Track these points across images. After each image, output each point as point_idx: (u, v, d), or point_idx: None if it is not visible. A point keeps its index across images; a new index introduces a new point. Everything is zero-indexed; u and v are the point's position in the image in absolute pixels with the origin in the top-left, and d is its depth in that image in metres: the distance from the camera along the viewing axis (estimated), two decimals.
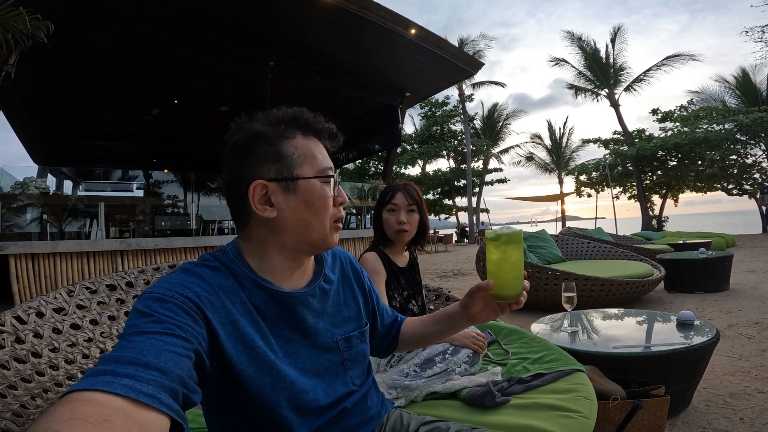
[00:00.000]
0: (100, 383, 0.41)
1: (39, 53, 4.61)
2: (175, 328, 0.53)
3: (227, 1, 5.31)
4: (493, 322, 1.80)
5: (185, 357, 0.51)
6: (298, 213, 0.68)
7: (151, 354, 0.47)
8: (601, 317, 2.24)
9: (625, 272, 3.92)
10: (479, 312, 0.80)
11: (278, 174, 0.68)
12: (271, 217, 0.67)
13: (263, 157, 0.68)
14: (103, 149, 10.16)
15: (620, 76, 18.92)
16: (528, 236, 5.01)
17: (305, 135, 0.71)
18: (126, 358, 0.46)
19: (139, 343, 0.49)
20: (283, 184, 0.68)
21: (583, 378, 1.18)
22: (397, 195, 1.48)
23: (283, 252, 0.70)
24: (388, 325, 0.94)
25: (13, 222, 5.58)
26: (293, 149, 0.69)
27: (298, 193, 0.68)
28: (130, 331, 0.51)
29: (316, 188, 0.70)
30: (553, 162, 25.52)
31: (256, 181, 0.67)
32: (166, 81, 7.30)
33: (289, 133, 0.70)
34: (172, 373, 0.47)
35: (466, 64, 8.00)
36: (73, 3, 4.77)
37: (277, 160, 0.68)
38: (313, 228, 0.70)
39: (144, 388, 0.43)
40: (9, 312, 1.12)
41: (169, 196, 9.11)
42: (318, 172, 0.70)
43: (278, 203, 0.67)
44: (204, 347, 0.57)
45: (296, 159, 0.69)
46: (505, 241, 0.73)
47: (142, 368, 0.45)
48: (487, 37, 20.09)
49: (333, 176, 0.72)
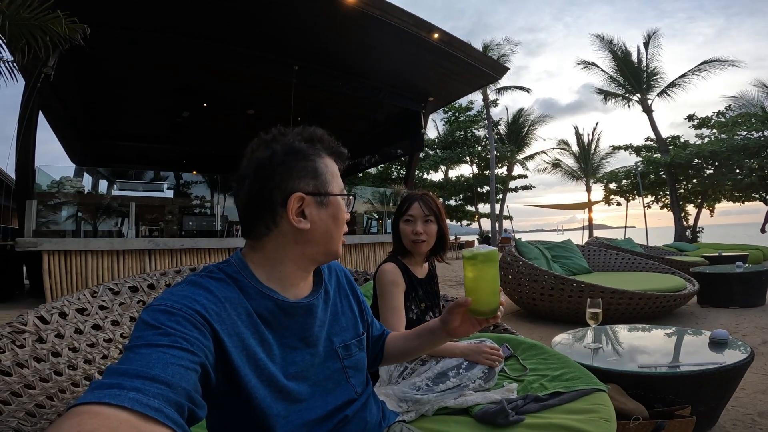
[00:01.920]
0: (107, 396, 0.41)
1: (76, 56, 4.85)
2: (182, 341, 0.53)
3: (253, 8, 5.44)
4: (512, 336, 1.75)
5: (191, 370, 0.51)
6: (326, 226, 0.74)
7: (157, 367, 0.48)
8: (627, 333, 2.15)
9: (656, 285, 3.75)
10: (458, 327, 0.82)
11: (315, 189, 0.73)
12: (304, 228, 0.71)
13: (303, 172, 0.72)
14: (136, 151, 10.57)
15: (653, 81, 18.30)
16: (552, 246, 4.89)
17: (329, 156, 0.77)
18: (132, 371, 0.46)
19: (146, 355, 0.49)
20: (318, 199, 0.73)
21: (603, 398, 1.12)
22: (414, 206, 1.46)
23: (299, 262, 0.74)
24: (376, 338, 0.98)
25: (49, 219, 5.86)
26: (325, 167, 0.75)
27: (329, 208, 0.74)
28: (137, 343, 0.52)
29: (341, 205, 0.76)
30: (580, 169, 24.86)
31: (296, 193, 0.71)
32: (196, 85, 7.54)
33: (321, 151, 0.76)
34: (178, 387, 0.47)
35: (490, 69, 7.91)
36: (107, 7, 4.99)
37: (315, 176, 0.73)
38: (334, 239, 0.76)
39: (150, 401, 0.43)
40: (32, 312, 1.15)
41: (196, 197, 9.37)
42: (341, 191, 0.77)
43: (311, 216, 0.72)
44: (210, 360, 0.57)
45: (328, 177, 0.75)
46: (482, 260, 0.77)
47: (149, 382, 0.45)
48: (512, 41, 19.81)
49: (353, 196, 0.80)
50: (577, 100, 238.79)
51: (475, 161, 23.76)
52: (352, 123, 9.89)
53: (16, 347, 1.03)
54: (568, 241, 5.20)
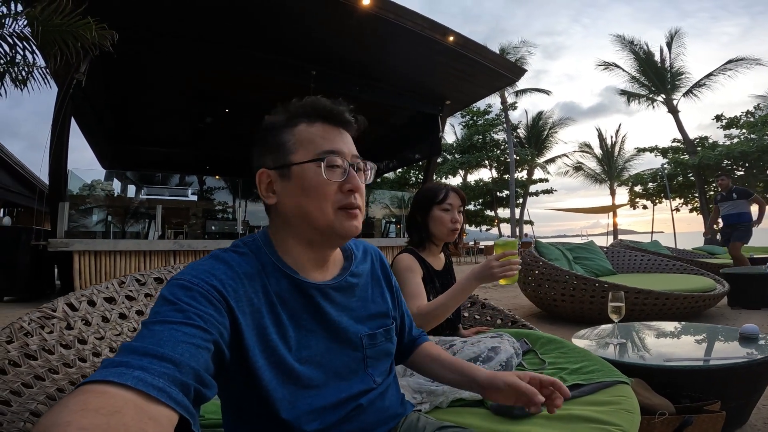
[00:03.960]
0: (112, 375, 0.42)
1: (106, 62, 5.04)
2: (196, 318, 0.53)
3: (271, 14, 5.56)
4: (530, 331, 1.72)
5: (203, 349, 0.51)
6: (294, 199, 0.69)
7: (167, 345, 0.48)
8: (652, 330, 2.07)
9: (684, 286, 3.61)
10: (497, 397, 0.79)
11: (275, 162, 0.70)
12: (272, 203, 0.71)
13: (267, 146, 0.71)
14: (162, 155, 10.89)
15: (678, 81, 17.78)
16: (574, 247, 4.77)
17: (310, 122, 0.71)
18: (142, 349, 0.46)
19: (158, 333, 0.49)
20: (280, 172, 0.69)
21: (626, 390, 1.08)
22: (451, 195, 1.51)
23: (300, 242, 0.71)
24: (410, 340, 0.94)
25: (80, 222, 6.11)
26: (291, 137, 0.70)
27: (292, 180, 0.69)
28: (153, 319, 0.52)
29: (309, 173, 0.68)
30: (604, 172, 24.26)
31: (261, 169, 0.71)
32: (217, 90, 7.73)
33: (293, 121, 0.72)
34: (186, 366, 0.47)
35: (507, 71, 7.83)
36: (134, 14, 5.18)
37: (276, 148, 0.70)
38: (312, 214, 0.68)
39: (155, 381, 0.43)
40: (62, 299, 1.16)
41: (219, 202, 9.58)
42: (313, 156, 0.68)
43: (278, 191, 0.70)
44: (225, 338, 0.57)
45: (291, 146, 0.69)
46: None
47: (157, 360, 0.45)
48: (529, 43, 19.63)
49: (325, 158, 0.68)
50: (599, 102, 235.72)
51: (494, 165, 23.50)
52: (370, 127, 9.67)
53: (44, 332, 1.04)
54: (591, 242, 5.06)
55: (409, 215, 1.59)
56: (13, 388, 0.84)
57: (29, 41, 3.48)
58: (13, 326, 0.97)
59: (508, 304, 4.96)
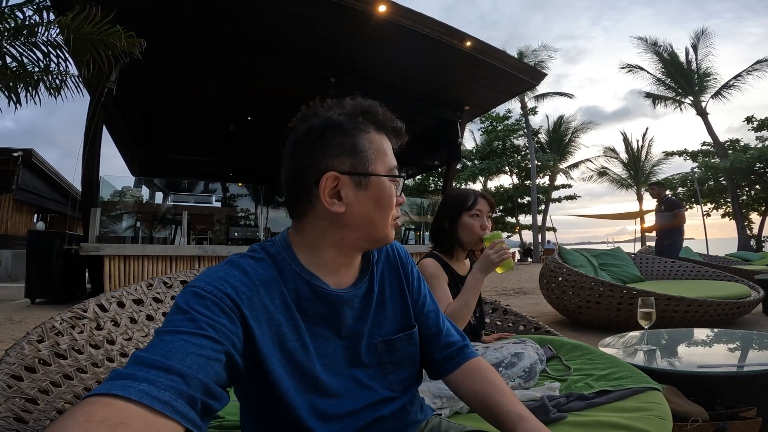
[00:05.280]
0: (117, 387, 0.42)
1: (134, 70, 5.22)
2: (208, 327, 0.52)
3: (290, 23, 5.66)
4: (554, 337, 1.68)
5: (213, 360, 0.51)
6: (365, 210, 0.66)
7: (176, 357, 0.47)
8: (683, 336, 2.00)
9: (716, 293, 3.46)
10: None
11: (353, 168, 0.65)
12: (338, 212, 0.65)
13: (339, 148, 0.65)
14: (188, 163, 11.19)
15: (706, 83, 17.18)
16: (599, 254, 4.65)
17: (378, 130, 0.70)
18: (150, 360, 0.46)
19: (168, 343, 0.49)
20: (356, 179, 0.65)
21: (657, 397, 1.04)
22: (481, 201, 1.50)
23: (340, 247, 0.68)
24: (444, 343, 0.81)
25: (110, 228, 6.33)
26: (368, 144, 0.67)
27: (369, 190, 0.66)
28: (165, 328, 0.52)
29: (386, 186, 0.68)
30: (630, 177, 23.58)
31: (330, 172, 0.64)
32: (239, 98, 7.90)
33: (365, 126, 0.68)
34: (194, 379, 0.47)
35: (526, 75, 7.73)
36: (158, 24, 5.34)
37: (353, 153, 0.66)
38: (377, 226, 0.68)
39: (160, 394, 0.43)
40: (93, 300, 1.19)
41: (242, 209, 9.77)
42: (388, 171, 0.69)
43: (347, 198, 0.65)
44: (237, 347, 0.56)
45: (371, 154, 0.67)
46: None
47: (164, 373, 0.45)
48: (549, 47, 19.36)
49: (403, 176, 0.71)
50: (623, 106, 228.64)
51: (515, 171, 23.19)
52: None
53: (75, 332, 1.06)
54: (618, 248, 4.92)
55: (435, 221, 1.57)
56: (42, 387, 0.85)
57: (61, 49, 3.59)
58: (45, 326, 0.99)
59: (531, 311, 4.86)
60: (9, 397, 0.73)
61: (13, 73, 3.51)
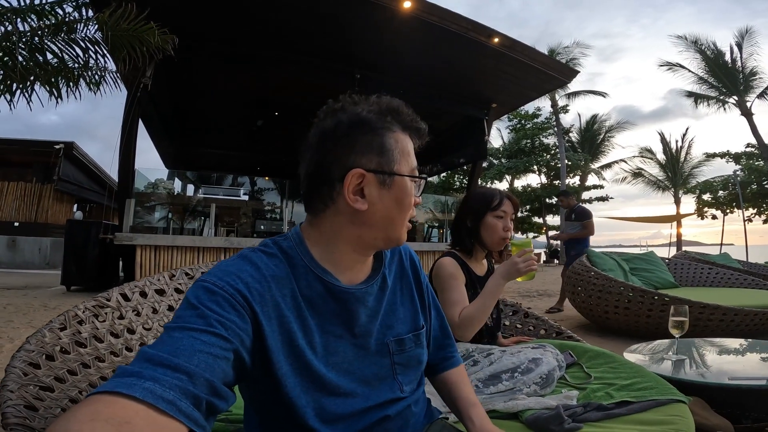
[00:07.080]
0: (122, 385, 0.41)
1: (168, 66, 5.37)
2: (217, 325, 0.52)
3: (316, 19, 5.70)
4: (576, 343, 1.61)
5: (221, 358, 0.50)
6: (387, 209, 0.66)
7: (183, 355, 0.47)
8: (715, 346, 1.90)
9: (754, 302, 3.28)
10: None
11: (379, 166, 0.65)
12: (361, 209, 0.64)
13: (367, 146, 0.65)
14: (217, 157, 11.51)
15: (752, 82, 16.23)
16: (631, 258, 4.48)
17: (403, 130, 0.70)
18: (157, 357, 0.46)
19: (177, 340, 0.49)
20: (381, 178, 0.65)
21: (682, 410, 0.98)
22: (506, 202, 1.47)
23: (356, 245, 0.68)
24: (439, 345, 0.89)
25: (143, 218, 6.59)
26: (395, 143, 0.67)
27: (392, 189, 0.66)
28: (174, 323, 0.52)
29: (407, 187, 0.68)
30: (667, 179, 22.56)
31: (356, 169, 0.64)
32: (267, 94, 8.03)
33: (392, 125, 0.68)
34: (200, 378, 0.46)
35: (557, 73, 7.49)
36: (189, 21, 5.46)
37: (381, 152, 0.65)
38: (395, 225, 0.68)
39: (165, 393, 0.42)
40: (117, 289, 1.20)
41: (268, 202, 9.95)
42: (411, 171, 0.69)
43: (371, 196, 0.65)
44: (246, 345, 0.55)
45: (397, 154, 0.67)
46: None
47: (170, 371, 0.45)
48: (583, 44, 18.67)
49: (425, 178, 0.71)
50: (662, 106, 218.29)
51: (544, 170, 22.60)
52: None
53: (97, 321, 1.06)
54: (651, 252, 4.72)
55: (457, 219, 1.54)
56: (58, 375, 0.85)
57: (100, 45, 3.72)
58: (68, 314, 1.00)
59: (554, 314, 4.74)
60: (23, 385, 0.74)
61: (54, 69, 3.67)
